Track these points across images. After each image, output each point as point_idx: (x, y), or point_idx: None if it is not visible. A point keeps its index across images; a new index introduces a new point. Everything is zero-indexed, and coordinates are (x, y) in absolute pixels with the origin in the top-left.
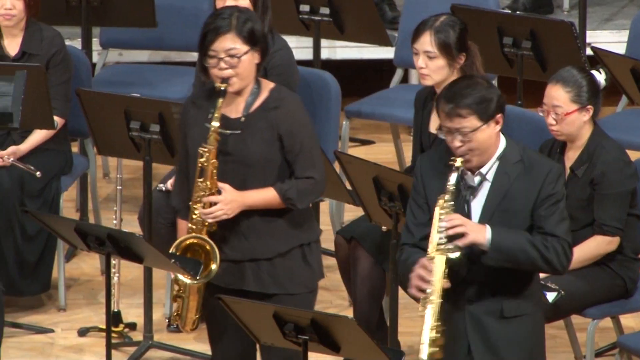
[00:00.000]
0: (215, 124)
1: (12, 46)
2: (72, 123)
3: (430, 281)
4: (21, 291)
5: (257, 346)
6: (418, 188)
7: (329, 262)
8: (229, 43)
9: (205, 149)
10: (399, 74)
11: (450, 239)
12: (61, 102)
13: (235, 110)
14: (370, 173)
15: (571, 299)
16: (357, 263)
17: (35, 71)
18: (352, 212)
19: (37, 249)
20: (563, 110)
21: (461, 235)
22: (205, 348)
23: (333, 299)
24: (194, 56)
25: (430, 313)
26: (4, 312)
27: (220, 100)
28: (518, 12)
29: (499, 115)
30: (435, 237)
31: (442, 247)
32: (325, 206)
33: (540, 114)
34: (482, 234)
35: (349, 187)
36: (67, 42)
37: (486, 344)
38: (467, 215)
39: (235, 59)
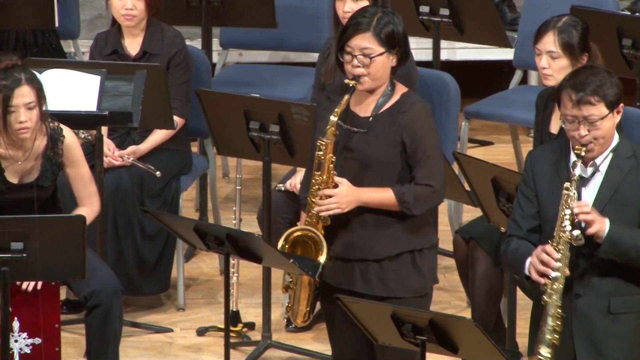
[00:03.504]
0: (334, 118)
1: (133, 46)
2: (192, 123)
3: (557, 266)
4: (140, 291)
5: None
6: (528, 181)
7: (448, 262)
8: (365, 42)
9: (323, 142)
10: (518, 75)
11: (574, 226)
12: (181, 102)
13: (365, 109)
14: (489, 174)
15: None
16: (476, 263)
17: (155, 71)
18: (470, 213)
19: (156, 248)
20: None
21: (586, 223)
22: (323, 348)
23: (451, 299)
24: (313, 57)
25: (554, 302)
26: (123, 312)
27: (346, 96)
28: (637, 14)
29: (620, 105)
30: (560, 224)
31: (568, 233)
32: (443, 207)
33: None
34: (604, 226)
35: (467, 187)
36: (188, 42)
37: (591, 339)
38: None
39: (368, 58)
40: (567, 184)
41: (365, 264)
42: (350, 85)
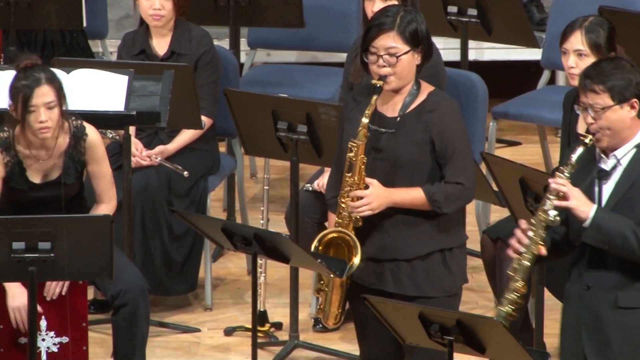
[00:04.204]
0: (365, 120)
1: (161, 46)
2: (220, 123)
3: (526, 243)
4: (168, 291)
5: None
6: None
7: (475, 262)
8: (390, 41)
9: (354, 144)
10: (546, 75)
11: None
12: (209, 102)
13: (392, 109)
14: (517, 174)
15: None
16: (503, 264)
17: (183, 71)
18: (498, 213)
19: (184, 248)
20: None
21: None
22: (350, 348)
23: (479, 299)
24: (341, 57)
25: (517, 273)
26: (151, 312)
27: (375, 97)
28: None
29: (634, 100)
30: (542, 204)
31: (545, 213)
32: (471, 207)
33: None
34: (586, 208)
35: (495, 187)
36: (215, 42)
37: (598, 332)
38: (598, 199)
39: (394, 58)
40: (560, 169)
41: (396, 264)
42: (377, 85)
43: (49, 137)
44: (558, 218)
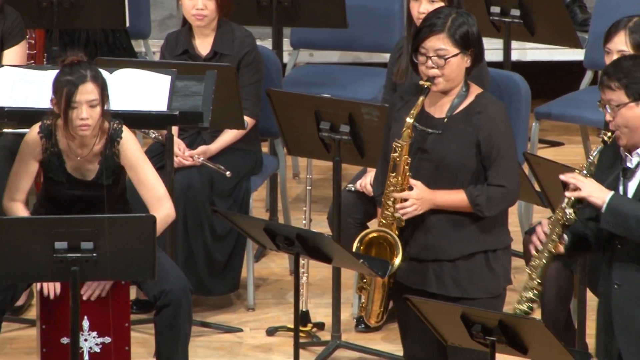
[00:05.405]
0: (410, 120)
1: (204, 46)
2: (263, 123)
3: (543, 240)
4: (210, 291)
5: None
6: (594, 173)
7: (518, 263)
8: (440, 43)
9: (398, 145)
10: (588, 75)
11: (573, 207)
12: (252, 103)
13: (440, 110)
14: (559, 174)
15: None
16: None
17: (226, 71)
18: (540, 214)
19: (226, 248)
20: None
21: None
22: (393, 348)
23: None
24: (384, 57)
25: (534, 271)
26: (193, 312)
27: (422, 98)
28: None
29: None
30: (561, 204)
31: (562, 208)
32: (514, 207)
33: None
34: (601, 195)
35: (537, 188)
36: (258, 43)
37: (630, 329)
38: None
39: (442, 60)
40: (580, 167)
41: (439, 264)
42: (425, 86)
43: (88, 135)
44: (573, 216)
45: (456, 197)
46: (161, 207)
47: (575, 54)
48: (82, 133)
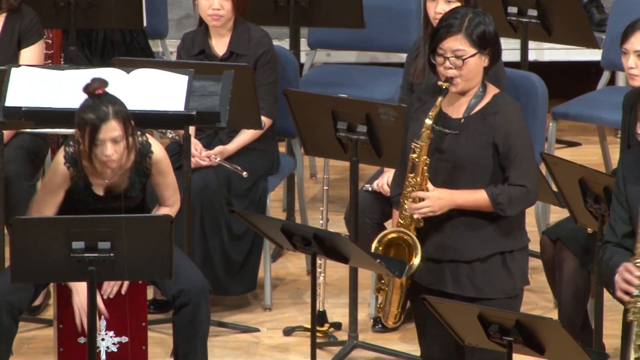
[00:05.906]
0: (428, 121)
1: (220, 46)
2: (280, 123)
3: (638, 284)
4: (227, 290)
5: None
6: (619, 184)
7: (535, 263)
8: (457, 44)
9: (417, 145)
10: (606, 76)
11: None
12: (269, 103)
13: (457, 110)
14: (576, 175)
15: None
16: (562, 264)
17: (242, 71)
18: (557, 214)
19: (243, 248)
20: None
21: None
22: (410, 348)
23: (538, 300)
24: (401, 57)
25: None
26: (210, 311)
27: (440, 98)
28: None
29: None
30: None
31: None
32: (531, 208)
33: None
34: None
35: (554, 188)
36: (275, 42)
37: None
38: None
39: (460, 60)
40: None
41: (456, 265)
42: (443, 87)
43: (115, 168)
44: None
45: (477, 197)
46: (176, 202)
47: (593, 54)
48: (109, 167)
